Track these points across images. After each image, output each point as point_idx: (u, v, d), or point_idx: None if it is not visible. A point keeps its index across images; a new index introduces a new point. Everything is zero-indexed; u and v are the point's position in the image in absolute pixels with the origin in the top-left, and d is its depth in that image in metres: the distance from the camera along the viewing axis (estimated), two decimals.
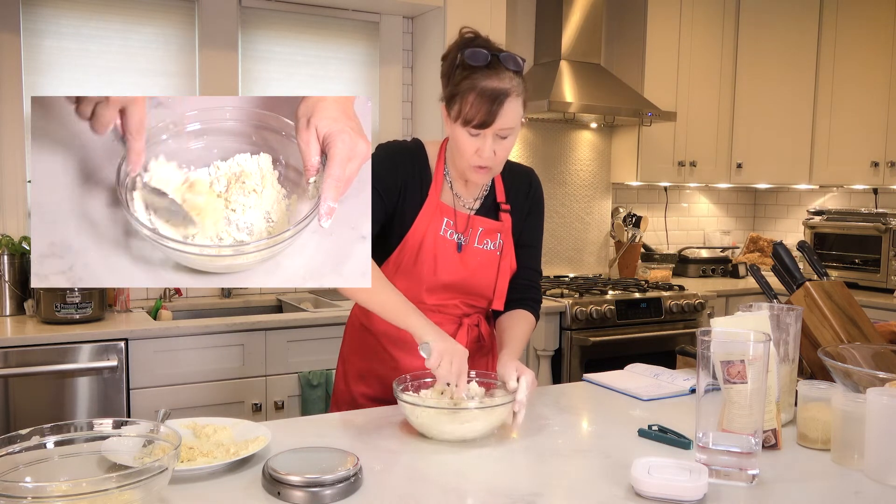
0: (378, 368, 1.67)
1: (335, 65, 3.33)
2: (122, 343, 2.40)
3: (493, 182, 1.68)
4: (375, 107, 3.42)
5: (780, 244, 1.77)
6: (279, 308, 3.14)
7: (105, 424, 1.13)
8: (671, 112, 3.57)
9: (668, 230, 4.38)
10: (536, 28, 3.77)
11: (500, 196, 1.68)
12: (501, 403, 1.35)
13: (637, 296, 3.33)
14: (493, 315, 1.75)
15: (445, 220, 1.60)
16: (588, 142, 4.00)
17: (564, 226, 3.98)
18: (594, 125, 3.97)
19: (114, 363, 2.38)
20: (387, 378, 1.63)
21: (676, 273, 4.08)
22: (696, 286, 3.68)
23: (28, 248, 2.60)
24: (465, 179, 1.61)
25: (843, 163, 3.81)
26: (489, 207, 1.67)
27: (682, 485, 1.08)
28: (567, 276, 3.83)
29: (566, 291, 3.34)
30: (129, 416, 2.42)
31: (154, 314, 2.77)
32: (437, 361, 1.38)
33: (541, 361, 3.17)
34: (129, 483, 0.93)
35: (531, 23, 3.77)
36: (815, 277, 1.71)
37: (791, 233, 4.44)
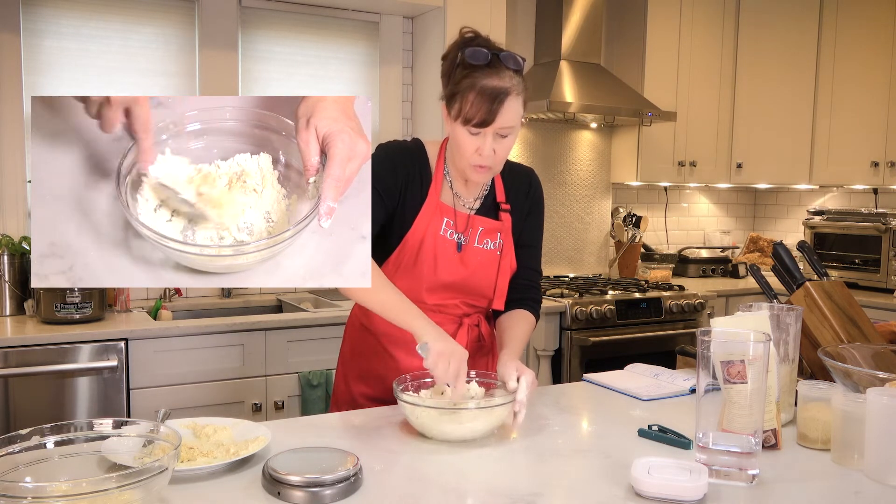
0: (378, 368, 1.67)
1: (335, 65, 3.33)
2: (122, 343, 2.40)
3: (493, 182, 1.68)
4: (375, 107, 3.42)
5: (780, 244, 1.77)
6: (279, 308, 3.14)
7: (105, 424, 1.13)
8: (671, 112, 3.57)
9: (668, 230, 4.38)
10: (536, 28, 3.77)
11: (500, 196, 1.68)
12: (501, 403, 1.35)
13: (637, 296, 3.33)
14: (494, 315, 1.75)
15: (445, 220, 1.60)
16: (588, 142, 4.00)
17: (564, 226, 3.98)
18: (594, 125, 3.97)
19: (114, 363, 2.38)
20: (387, 378, 1.63)
21: (676, 273, 4.08)
22: (696, 286, 3.68)
23: (28, 248, 2.60)
24: (465, 179, 1.61)
25: (843, 163, 3.81)
26: (489, 207, 1.67)
27: (682, 485, 1.08)
28: (567, 276, 3.83)
29: (566, 291, 3.34)
30: (129, 416, 2.42)
31: (154, 314, 2.77)
32: (435, 362, 1.38)
33: (541, 361, 3.17)
34: (129, 483, 0.93)
35: (531, 23, 3.77)
36: (815, 277, 1.71)
37: (791, 233, 4.44)
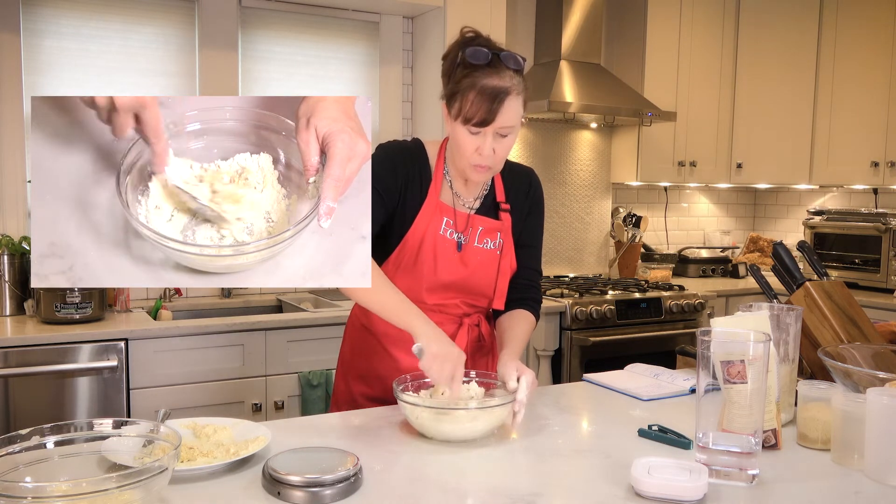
0: (378, 368, 1.67)
1: (335, 65, 3.33)
2: (122, 343, 2.40)
3: (493, 181, 1.68)
4: (375, 107, 3.42)
5: (780, 244, 1.76)
6: (279, 308, 3.14)
7: (105, 424, 1.13)
8: (671, 112, 3.57)
9: (668, 230, 4.38)
10: (536, 28, 3.77)
11: (500, 195, 1.68)
12: (501, 403, 1.35)
13: (637, 296, 3.33)
14: (494, 315, 1.75)
15: (445, 220, 1.60)
16: (588, 142, 4.00)
17: (564, 226, 3.98)
18: (594, 125, 3.97)
19: (114, 363, 2.38)
20: (387, 378, 1.63)
21: (676, 273, 4.08)
22: (696, 286, 3.68)
23: (28, 248, 2.60)
24: (465, 179, 1.61)
25: (843, 163, 3.81)
26: (489, 207, 1.67)
27: (682, 485, 1.08)
28: (567, 276, 3.83)
29: (566, 291, 3.34)
30: (129, 416, 2.42)
31: (154, 314, 2.77)
32: (429, 365, 1.38)
33: (541, 361, 3.17)
34: (129, 483, 0.93)
35: (531, 23, 3.77)
36: (815, 277, 1.71)
37: (791, 233, 4.44)
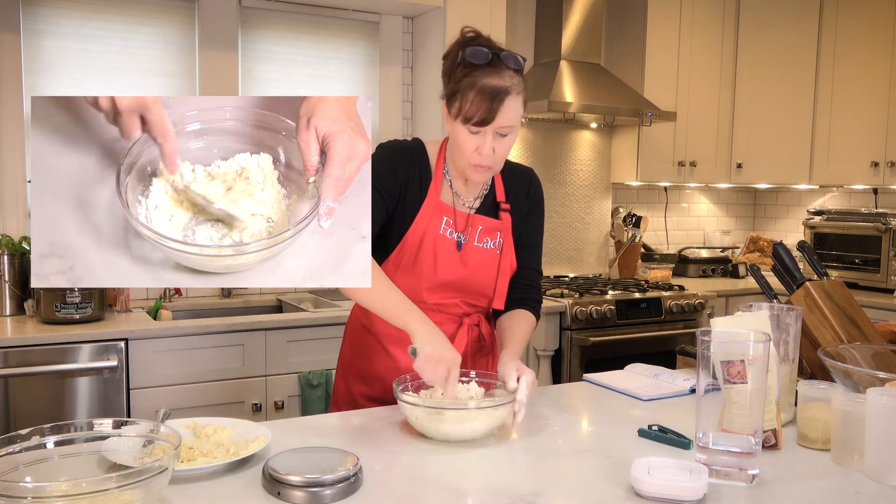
0: (378, 368, 1.67)
1: (335, 65, 3.33)
2: (122, 343, 2.40)
3: (493, 181, 1.68)
4: (375, 107, 3.42)
5: (780, 244, 1.76)
6: (279, 308, 3.14)
7: (105, 424, 1.13)
8: (671, 112, 3.57)
9: (668, 230, 4.38)
10: (536, 28, 3.76)
11: (500, 195, 1.68)
12: (501, 403, 1.35)
13: (637, 296, 3.33)
14: (494, 315, 1.75)
15: (445, 219, 1.60)
16: (588, 142, 4.00)
17: (564, 226, 3.98)
18: (594, 125, 3.97)
19: (114, 363, 2.38)
20: (387, 378, 1.63)
21: (676, 273, 4.08)
22: (696, 286, 3.68)
23: (28, 248, 2.60)
24: (465, 178, 1.61)
25: (843, 163, 3.81)
26: (489, 206, 1.67)
27: (682, 485, 1.08)
28: (567, 276, 3.83)
29: (566, 291, 3.34)
30: (129, 416, 2.42)
31: (154, 314, 2.77)
32: (423, 366, 1.39)
33: (541, 361, 3.17)
34: (129, 483, 0.93)
35: (531, 23, 3.77)
36: (815, 277, 1.71)
37: (791, 233, 4.44)
